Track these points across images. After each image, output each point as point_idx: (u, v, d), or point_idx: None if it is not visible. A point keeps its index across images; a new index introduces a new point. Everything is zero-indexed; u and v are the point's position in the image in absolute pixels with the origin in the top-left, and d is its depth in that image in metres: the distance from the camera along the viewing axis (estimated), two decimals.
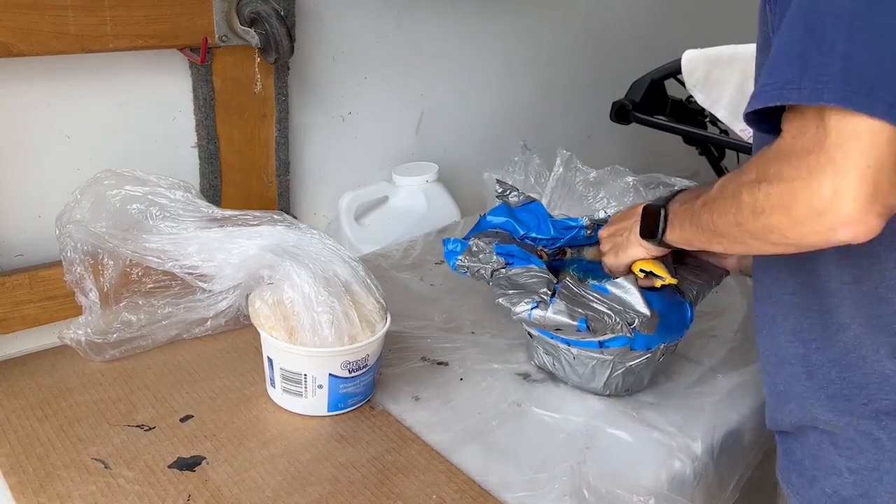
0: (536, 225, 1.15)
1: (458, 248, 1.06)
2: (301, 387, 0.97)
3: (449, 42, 1.64)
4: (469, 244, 1.06)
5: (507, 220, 1.16)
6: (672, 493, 0.92)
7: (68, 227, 1.03)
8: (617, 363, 1.01)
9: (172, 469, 0.88)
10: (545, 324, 0.94)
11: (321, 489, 0.87)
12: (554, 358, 1.06)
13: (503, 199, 1.18)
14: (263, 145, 1.37)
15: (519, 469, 0.92)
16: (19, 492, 0.84)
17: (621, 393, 1.05)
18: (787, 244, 0.70)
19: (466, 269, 1.04)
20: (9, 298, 1.13)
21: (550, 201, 1.42)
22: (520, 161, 1.50)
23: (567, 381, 1.06)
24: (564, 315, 0.92)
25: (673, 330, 1.01)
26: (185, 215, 1.05)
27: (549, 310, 0.93)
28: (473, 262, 1.03)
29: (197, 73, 1.26)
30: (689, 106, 1.73)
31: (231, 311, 1.10)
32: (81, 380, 1.03)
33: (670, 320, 0.99)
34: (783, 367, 0.85)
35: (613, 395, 1.05)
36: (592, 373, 1.03)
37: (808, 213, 0.65)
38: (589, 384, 1.04)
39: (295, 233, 1.02)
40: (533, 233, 1.15)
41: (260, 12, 1.21)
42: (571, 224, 1.15)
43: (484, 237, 1.10)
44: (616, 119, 1.72)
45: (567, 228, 1.14)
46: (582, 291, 0.94)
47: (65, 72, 1.15)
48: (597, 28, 1.94)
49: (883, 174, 0.62)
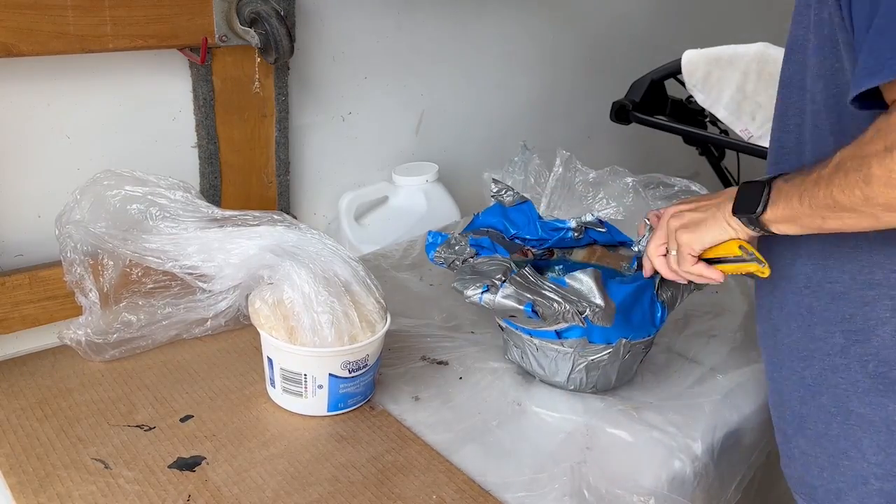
0: (526, 225, 1.16)
1: (437, 241, 1.09)
2: (301, 387, 0.97)
3: (449, 42, 1.64)
4: (448, 237, 1.09)
5: (499, 220, 1.18)
6: (672, 493, 0.92)
7: (68, 227, 1.03)
8: (577, 356, 1.02)
9: (172, 469, 0.88)
10: (494, 308, 0.95)
11: (321, 489, 0.87)
12: (522, 351, 1.07)
13: (498, 198, 1.19)
14: (263, 145, 1.37)
15: (519, 469, 0.92)
16: (19, 492, 0.84)
17: (587, 390, 1.05)
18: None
19: (443, 260, 1.07)
20: (9, 298, 1.13)
21: (550, 201, 1.42)
22: (520, 161, 1.50)
23: (535, 374, 1.07)
24: (512, 300, 0.93)
25: (636, 328, 1.01)
26: (184, 215, 1.05)
27: (499, 294, 0.94)
28: (450, 254, 1.06)
29: (197, 73, 1.26)
30: (689, 106, 1.73)
31: (231, 311, 1.10)
32: (81, 380, 1.03)
33: (632, 316, 0.99)
34: (815, 359, 0.83)
35: (579, 391, 1.05)
36: (556, 366, 1.04)
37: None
38: (554, 378, 1.05)
39: (295, 233, 1.02)
40: (522, 233, 1.16)
41: (260, 12, 1.21)
42: (559, 226, 1.16)
43: (472, 234, 1.12)
44: (616, 119, 1.72)
45: (555, 230, 1.16)
46: (537, 281, 0.95)
47: (65, 72, 1.15)
48: (597, 28, 1.94)
49: None
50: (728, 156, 1.91)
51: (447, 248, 1.07)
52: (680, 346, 1.16)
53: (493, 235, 1.15)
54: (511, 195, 1.19)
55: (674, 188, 1.41)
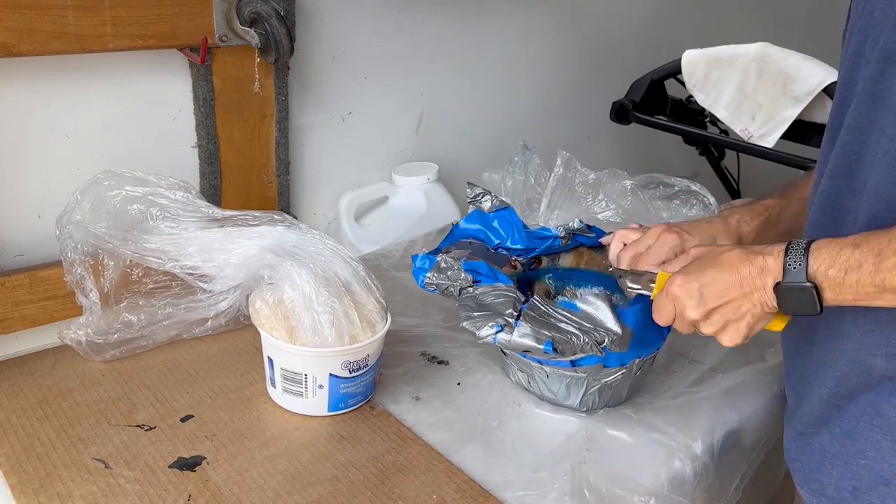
0: (510, 234, 1.12)
1: (426, 266, 1.01)
2: (301, 387, 0.97)
3: (449, 42, 1.64)
4: (437, 260, 1.01)
5: (480, 229, 1.13)
6: (672, 493, 0.92)
7: (68, 227, 1.03)
8: (591, 381, 0.99)
9: (173, 469, 0.88)
10: (511, 347, 0.91)
11: (321, 489, 0.87)
12: (528, 376, 1.03)
13: (475, 204, 1.14)
14: (263, 145, 1.37)
15: (519, 469, 0.92)
16: (19, 492, 0.84)
17: (598, 409, 1.02)
18: None
19: (435, 286, 1.00)
20: (9, 298, 1.13)
21: (550, 201, 1.42)
22: (520, 161, 1.51)
23: (543, 398, 1.04)
24: (530, 338, 0.89)
25: (648, 344, 0.98)
26: (185, 216, 1.05)
27: (515, 333, 0.89)
28: (442, 280, 0.99)
29: (197, 73, 1.26)
30: (689, 106, 1.73)
31: (231, 311, 1.10)
32: (81, 380, 1.03)
33: (644, 335, 0.95)
34: (855, 374, 0.79)
35: (591, 411, 1.02)
36: (567, 390, 1.01)
37: None
38: (565, 401, 1.02)
39: (295, 233, 1.02)
40: (507, 243, 1.12)
41: (260, 12, 1.21)
42: (545, 234, 1.12)
43: (455, 249, 1.07)
44: (616, 119, 1.72)
45: (541, 238, 1.12)
46: (550, 310, 0.91)
47: (65, 72, 1.15)
48: (597, 28, 1.94)
49: None
50: (728, 156, 1.91)
51: (438, 273, 1.00)
52: (680, 346, 1.16)
53: (476, 248, 1.10)
54: (489, 200, 1.13)
55: (674, 188, 1.41)
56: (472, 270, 0.99)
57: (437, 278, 1.00)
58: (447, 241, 1.14)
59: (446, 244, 1.12)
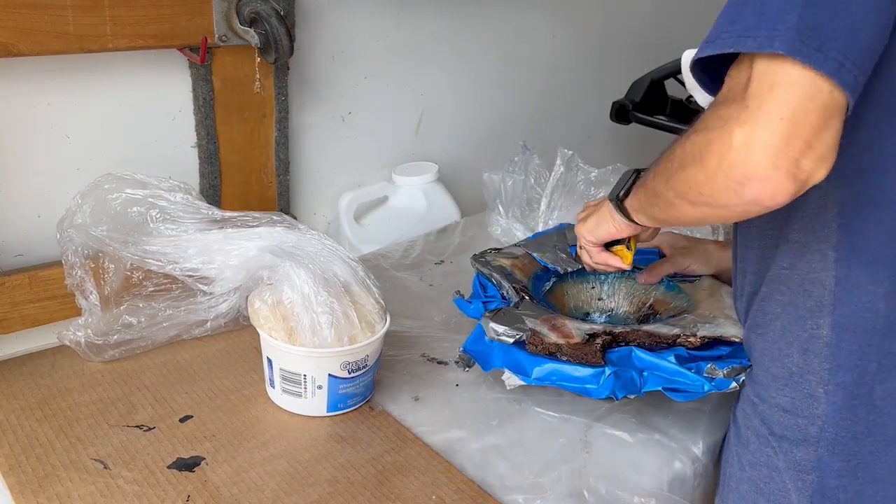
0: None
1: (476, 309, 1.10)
2: (300, 387, 0.97)
3: (449, 42, 1.64)
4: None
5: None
6: (673, 494, 0.92)
7: (69, 231, 1.03)
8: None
9: (172, 469, 0.88)
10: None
11: (321, 490, 0.87)
12: None
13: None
14: (263, 145, 1.37)
15: (519, 470, 0.92)
16: (18, 492, 0.84)
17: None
18: (704, 203, 0.67)
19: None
20: (9, 298, 1.13)
21: (551, 201, 1.42)
22: (520, 161, 1.51)
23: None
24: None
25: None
26: (185, 217, 1.05)
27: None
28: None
29: (197, 73, 1.26)
30: (689, 106, 1.73)
31: (231, 312, 1.10)
32: (81, 380, 1.03)
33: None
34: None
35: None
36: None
37: (719, 163, 0.62)
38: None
39: (294, 233, 1.02)
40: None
41: (260, 12, 1.21)
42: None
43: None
44: (616, 119, 1.72)
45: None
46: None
47: (65, 72, 1.15)
48: (597, 28, 1.94)
49: (798, 130, 0.58)
50: None
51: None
52: None
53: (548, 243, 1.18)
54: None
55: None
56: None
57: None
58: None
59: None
